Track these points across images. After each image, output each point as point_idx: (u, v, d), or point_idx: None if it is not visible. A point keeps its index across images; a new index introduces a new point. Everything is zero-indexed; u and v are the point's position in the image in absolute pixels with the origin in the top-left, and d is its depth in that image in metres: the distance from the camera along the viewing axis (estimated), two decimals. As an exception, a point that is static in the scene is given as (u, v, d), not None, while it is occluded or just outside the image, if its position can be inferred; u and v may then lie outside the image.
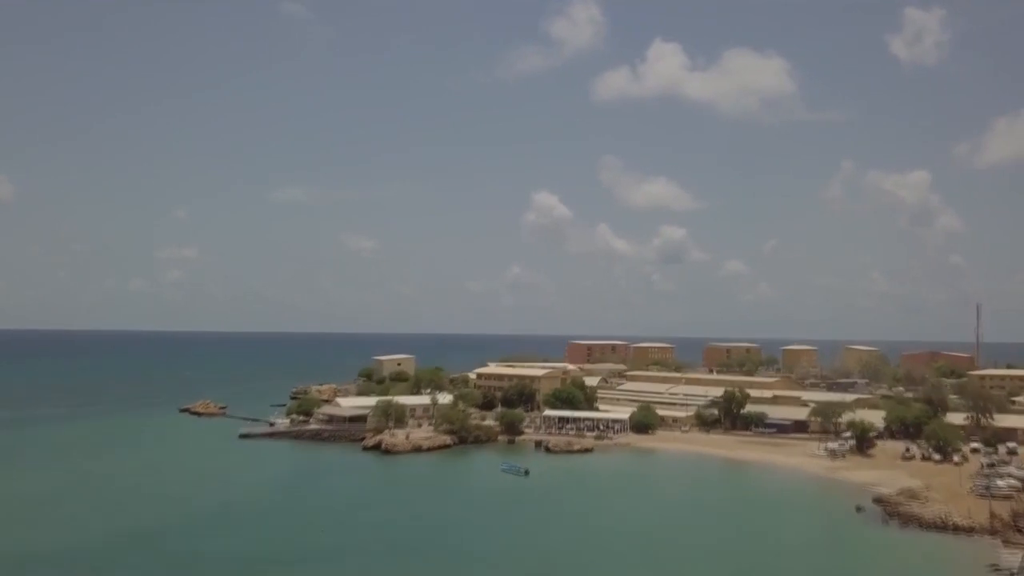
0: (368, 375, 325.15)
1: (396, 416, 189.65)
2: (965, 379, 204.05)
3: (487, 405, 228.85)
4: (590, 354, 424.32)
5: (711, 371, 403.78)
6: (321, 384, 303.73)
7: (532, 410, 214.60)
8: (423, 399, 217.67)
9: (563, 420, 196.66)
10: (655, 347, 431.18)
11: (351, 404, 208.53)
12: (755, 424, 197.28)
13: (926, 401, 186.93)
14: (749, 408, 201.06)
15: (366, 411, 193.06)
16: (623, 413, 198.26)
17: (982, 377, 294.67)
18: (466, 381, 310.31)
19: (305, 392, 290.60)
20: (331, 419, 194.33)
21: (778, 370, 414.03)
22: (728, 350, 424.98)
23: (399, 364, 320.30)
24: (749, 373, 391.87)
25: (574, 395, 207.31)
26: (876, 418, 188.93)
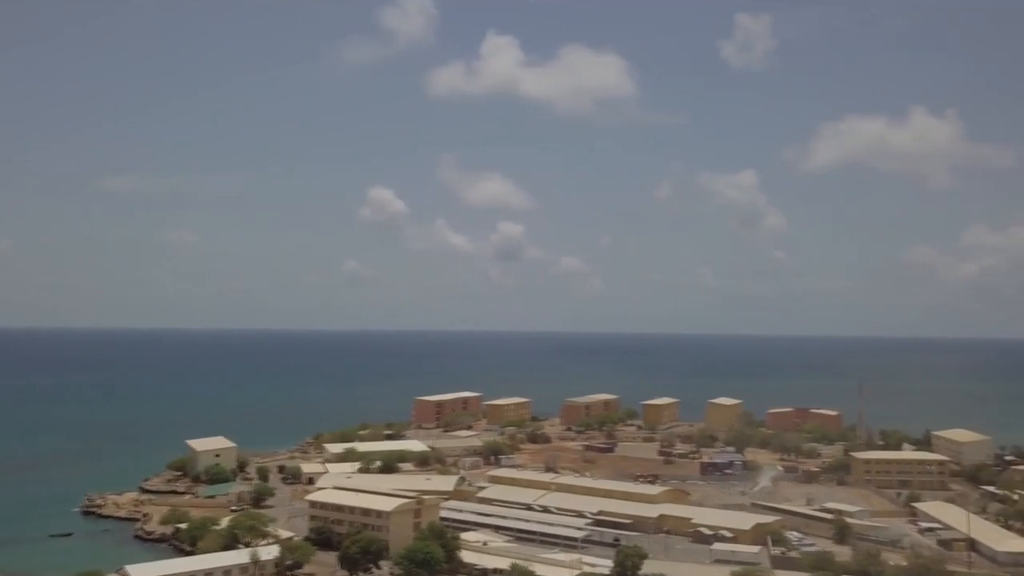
0: (180, 467, 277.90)
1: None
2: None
3: (324, 542, 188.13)
4: (439, 412, 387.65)
5: (567, 428, 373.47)
6: (120, 491, 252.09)
7: (379, 565, 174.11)
8: (241, 557, 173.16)
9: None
10: (510, 404, 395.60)
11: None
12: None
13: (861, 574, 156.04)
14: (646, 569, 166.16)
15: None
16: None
17: (867, 461, 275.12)
18: (297, 474, 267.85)
19: (99, 505, 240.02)
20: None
21: (640, 427, 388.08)
22: (587, 407, 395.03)
23: (217, 456, 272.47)
24: (610, 434, 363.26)
25: (432, 555, 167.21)
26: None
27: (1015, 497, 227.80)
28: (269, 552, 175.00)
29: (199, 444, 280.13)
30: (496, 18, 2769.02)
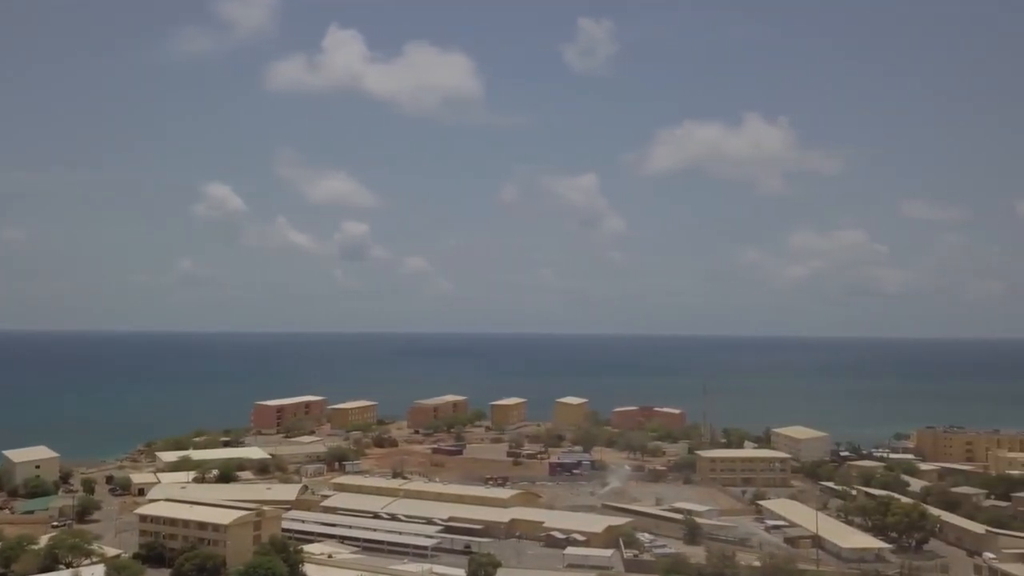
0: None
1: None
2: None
3: (155, 559, 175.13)
4: (280, 417, 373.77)
5: (415, 431, 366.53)
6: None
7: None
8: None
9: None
10: (355, 407, 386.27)
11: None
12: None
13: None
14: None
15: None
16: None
17: (712, 459, 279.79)
18: (126, 485, 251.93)
19: None
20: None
21: (488, 428, 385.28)
22: (435, 408, 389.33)
23: (37, 467, 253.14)
24: (458, 435, 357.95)
25: (274, 570, 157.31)
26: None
27: (853, 492, 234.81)
28: (93, 572, 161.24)
29: (16, 455, 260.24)
30: (339, 12, 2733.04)
